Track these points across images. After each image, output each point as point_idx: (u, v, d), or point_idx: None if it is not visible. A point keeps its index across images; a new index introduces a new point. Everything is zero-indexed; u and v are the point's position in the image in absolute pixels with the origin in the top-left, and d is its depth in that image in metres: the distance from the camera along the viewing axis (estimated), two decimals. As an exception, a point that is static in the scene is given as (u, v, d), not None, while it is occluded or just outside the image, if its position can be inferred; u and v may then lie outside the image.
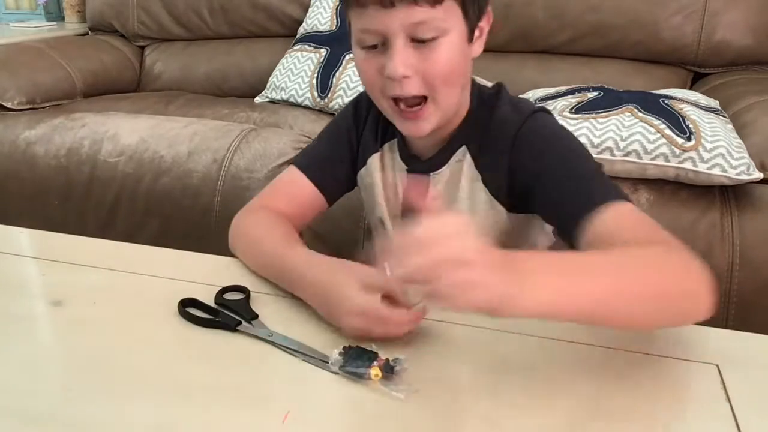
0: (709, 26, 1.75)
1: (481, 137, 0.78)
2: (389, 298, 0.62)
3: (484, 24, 0.76)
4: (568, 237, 0.70)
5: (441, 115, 0.75)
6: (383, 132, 0.87)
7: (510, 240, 0.80)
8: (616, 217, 0.65)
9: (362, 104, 0.89)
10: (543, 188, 0.72)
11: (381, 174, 0.87)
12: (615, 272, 0.56)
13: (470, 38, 0.74)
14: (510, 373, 0.61)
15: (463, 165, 0.79)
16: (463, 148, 0.79)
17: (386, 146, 0.87)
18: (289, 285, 0.72)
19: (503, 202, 0.78)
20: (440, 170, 0.81)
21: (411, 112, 0.73)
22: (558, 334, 0.67)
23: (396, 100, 0.73)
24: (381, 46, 0.71)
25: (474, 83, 0.81)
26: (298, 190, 0.87)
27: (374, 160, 0.87)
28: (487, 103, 0.79)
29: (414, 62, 0.70)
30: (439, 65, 0.70)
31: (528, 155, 0.74)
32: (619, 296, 0.55)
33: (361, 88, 1.75)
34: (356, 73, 1.69)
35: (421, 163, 0.83)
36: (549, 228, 0.85)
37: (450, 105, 0.75)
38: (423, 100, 0.73)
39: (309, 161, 0.89)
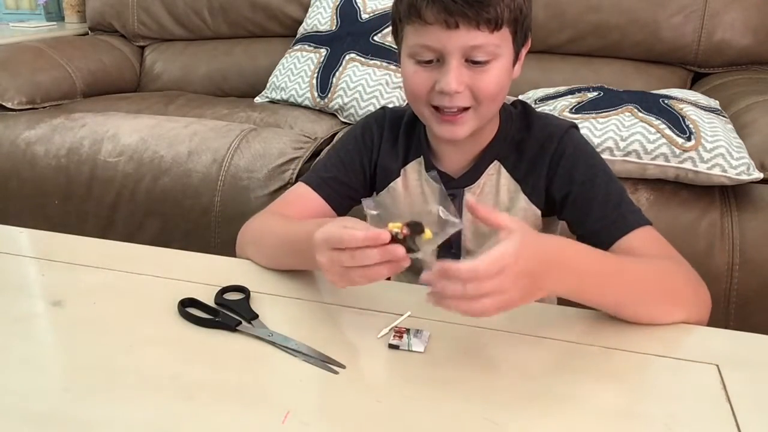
0: (709, 26, 1.75)
1: (517, 152, 0.83)
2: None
3: (524, 49, 0.81)
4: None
5: (477, 124, 0.78)
6: (405, 153, 0.88)
7: None
8: (639, 239, 0.75)
9: (372, 130, 0.90)
10: (575, 201, 0.80)
11: (404, 193, 0.89)
12: (623, 275, 0.67)
13: (514, 62, 0.79)
14: (510, 372, 0.61)
15: (499, 178, 0.84)
16: (495, 162, 0.84)
17: (409, 167, 0.88)
18: (302, 257, 0.73)
19: (539, 207, 0.84)
20: (474, 184, 0.84)
21: (451, 115, 0.77)
22: (558, 334, 0.67)
23: (437, 107, 0.77)
24: (436, 61, 0.75)
25: None
26: (307, 203, 0.88)
27: (397, 184, 0.89)
28: (516, 121, 0.85)
29: (466, 80, 0.74)
30: (488, 87, 0.75)
31: (565, 167, 0.81)
32: (623, 293, 0.68)
33: (361, 89, 1.75)
34: (356, 73, 1.70)
35: (455, 180, 0.85)
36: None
37: (487, 117, 0.80)
38: (465, 108, 0.77)
39: (319, 179, 0.89)
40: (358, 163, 0.90)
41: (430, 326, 0.67)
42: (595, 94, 1.42)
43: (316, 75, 1.77)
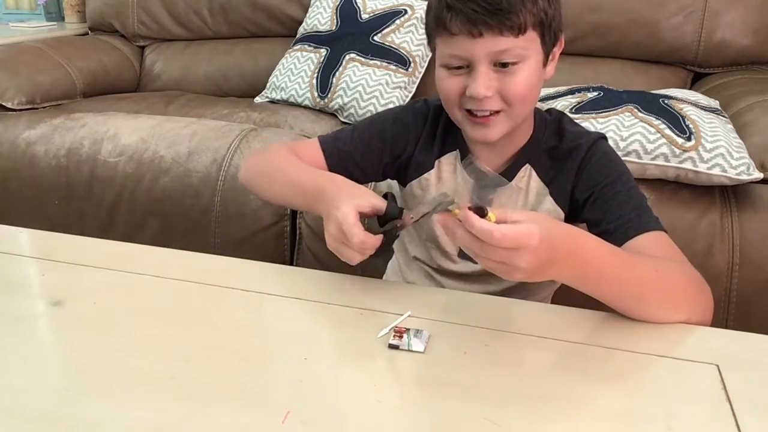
0: (709, 26, 1.75)
1: (547, 157, 0.87)
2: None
3: (557, 49, 0.84)
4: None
5: (510, 126, 0.81)
6: (441, 145, 0.90)
7: None
8: (650, 241, 0.77)
9: (410, 124, 0.91)
10: (596, 201, 0.82)
11: (436, 185, 0.90)
12: (628, 271, 0.68)
13: (545, 62, 0.81)
14: (510, 372, 0.61)
15: (529, 181, 0.87)
16: (527, 166, 0.87)
17: (444, 159, 0.90)
18: (308, 205, 0.82)
19: (563, 209, 0.86)
20: (508, 185, 0.87)
21: (483, 118, 0.79)
22: (558, 334, 0.67)
23: (469, 110, 0.80)
24: (466, 68, 0.78)
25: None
26: (313, 161, 0.90)
27: (431, 175, 0.90)
28: (550, 128, 0.88)
29: (495, 84, 0.77)
30: (517, 88, 0.77)
31: (590, 172, 0.84)
32: (624, 288, 0.68)
33: (361, 89, 1.75)
34: (356, 73, 1.70)
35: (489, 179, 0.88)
36: None
37: (519, 118, 0.82)
38: (496, 112, 0.79)
39: (334, 148, 0.91)
40: (377, 151, 0.91)
41: (430, 326, 0.67)
42: (595, 94, 1.42)
43: (316, 75, 1.77)
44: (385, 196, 0.74)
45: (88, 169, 1.57)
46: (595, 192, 0.82)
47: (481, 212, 0.60)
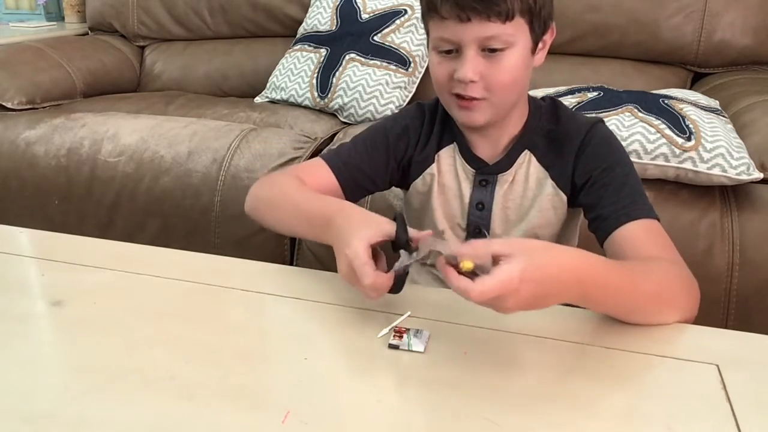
0: (709, 26, 1.75)
1: (546, 141, 0.87)
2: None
3: (548, 37, 0.84)
4: (598, 231, 0.81)
5: (494, 112, 0.82)
6: (439, 139, 0.91)
7: (563, 229, 0.91)
8: (642, 229, 0.77)
9: (409, 129, 0.91)
10: (593, 185, 0.83)
11: (438, 178, 0.91)
12: (625, 286, 0.68)
13: (534, 50, 0.82)
14: (510, 372, 0.61)
15: (529, 167, 0.87)
16: (526, 152, 0.87)
17: (442, 152, 0.91)
18: (315, 234, 0.78)
19: (565, 193, 0.87)
20: (507, 171, 0.88)
21: (467, 101, 0.81)
22: (558, 335, 0.67)
23: (457, 95, 0.82)
24: (455, 52, 0.80)
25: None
26: (323, 182, 0.89)
27: (432, 170, 0.91)
28: (546, 114, 0.89)
29: (482, 69, 0.78)
30: (503, 74, 0.79)
31: (589, 156, 0.84)
32: (623, 302, 0.68)
33: (361, 89, 1.75)
34: (356, 73, 1.70)
35: (489, 166, 0.88)
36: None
37: (504, 106, 0.83)
38: (479, 98, 0.81)
39: (341, 164, 0.90)
40: (383, 158, 0.91)
41: (430, 326, 0.67)
42: (595, 94, 1.42)
43: (316, 75, 1.77)
44: (394, 219, 0.71)
45: (88, 169, 1.57)
46: (592, 176, 0.83)
47: (456, 262, 0.60)
